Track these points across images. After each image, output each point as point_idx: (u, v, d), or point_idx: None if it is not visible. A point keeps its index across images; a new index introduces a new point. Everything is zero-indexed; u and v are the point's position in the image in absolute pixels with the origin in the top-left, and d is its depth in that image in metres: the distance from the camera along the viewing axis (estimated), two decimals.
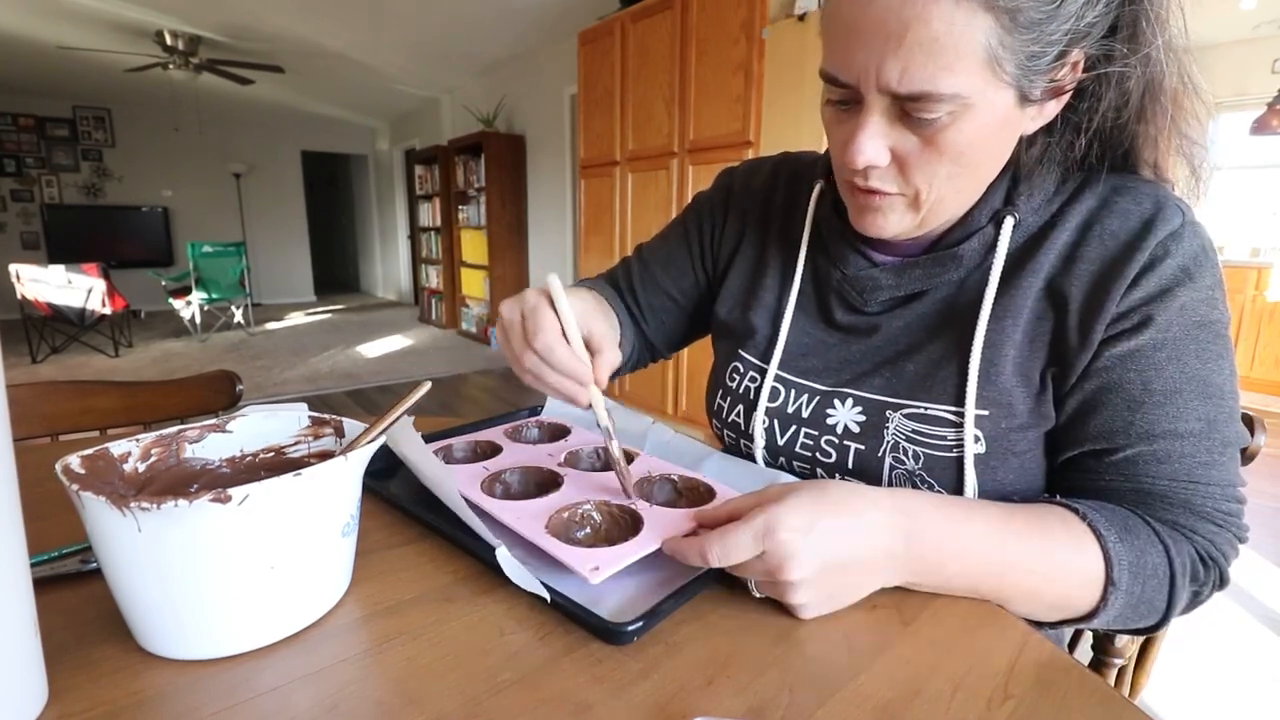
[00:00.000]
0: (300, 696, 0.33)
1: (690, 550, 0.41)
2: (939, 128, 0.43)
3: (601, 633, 0.38)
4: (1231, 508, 0.47)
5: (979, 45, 0.40)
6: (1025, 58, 0.41)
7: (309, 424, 0.49)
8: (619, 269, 0.79)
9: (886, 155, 0.46)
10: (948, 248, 0.53)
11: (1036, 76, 0.43)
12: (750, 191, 0.71)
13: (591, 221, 3.51)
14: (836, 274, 0.60)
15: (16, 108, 6.52)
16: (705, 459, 0.60)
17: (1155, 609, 0.45)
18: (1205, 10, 3.64)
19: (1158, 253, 0.46)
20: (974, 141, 0.44)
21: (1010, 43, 0.40)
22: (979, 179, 0.49)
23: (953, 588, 0.43)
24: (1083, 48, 0.44)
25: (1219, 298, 0.47)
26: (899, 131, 0.45)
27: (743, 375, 0.64)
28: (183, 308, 5.61)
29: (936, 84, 0.41)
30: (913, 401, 0.53)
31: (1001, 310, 0.51)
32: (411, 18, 4.16)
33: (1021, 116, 0.46)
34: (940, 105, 0.42)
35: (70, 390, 0.89)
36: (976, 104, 0.42)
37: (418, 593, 0.43)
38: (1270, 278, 3.87)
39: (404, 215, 7.92)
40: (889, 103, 0.44)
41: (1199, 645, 1.57)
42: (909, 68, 0.41)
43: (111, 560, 0.34)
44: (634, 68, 3.05)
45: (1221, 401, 0.46)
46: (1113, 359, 0.47)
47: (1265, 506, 2.41)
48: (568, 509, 0.49)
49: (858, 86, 0.44)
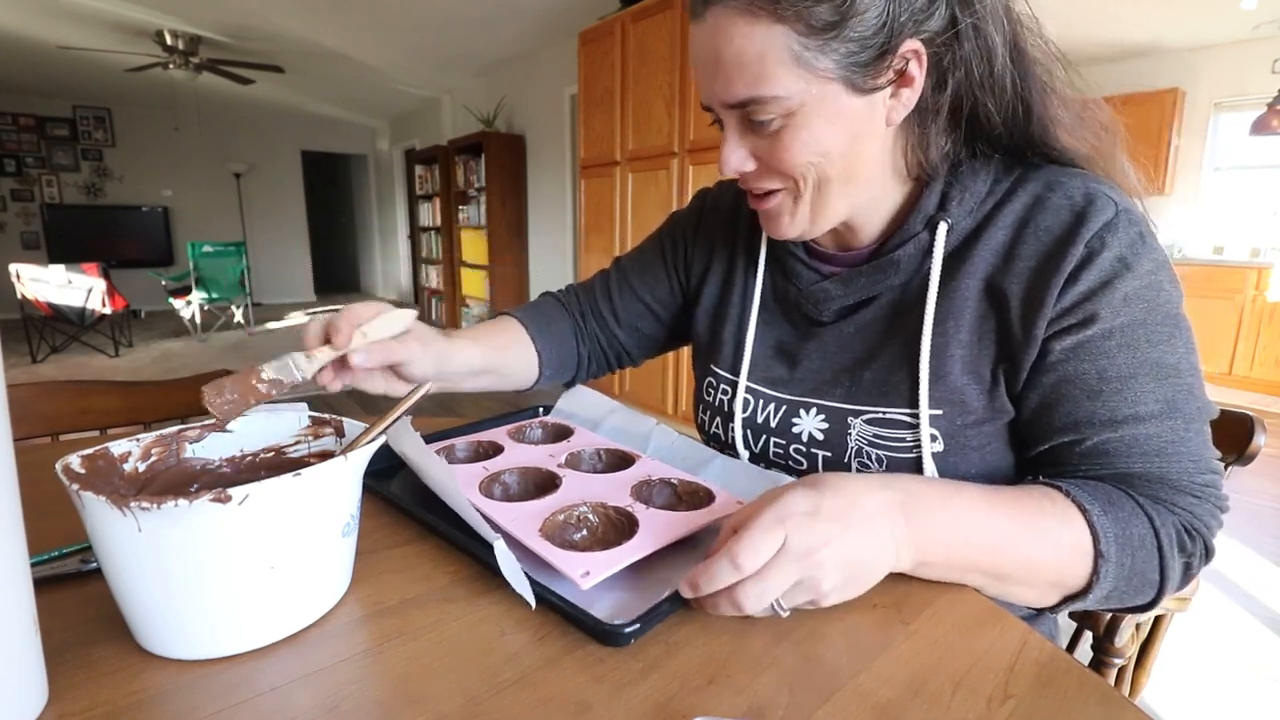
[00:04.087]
0: (300, 696, 0.33)
1: (717, 568, 0.38)
2: (779, 126, 0.49)
3: (598, 634, 0.38)
4: (1208, 479, 0.48)
5: (783, 51, 0.45)
6: (840, 55, 0.46)
7: (309, 424, 0.49)
8: (596, 279, 0.81)
9: (750, 162, 0.52)
10: (886, 254, 0.56)
11: (862, 69, 0.47)
12: (719, 212, 0.74)
13: (591, 221, 3.51)
14: (792, 288, 0.63)
15: (16, 108, 6.52)
16: (709, 461, 0.60)
17: (1150, 582, 0.46)
18: (1205, 10, 3.65)
19: (1094, 245, 0.47)
20: (817, 133, 0.48)
21: (814, 44, 0.45)
22: (850, 166, 0.51)
23: (958, 563, 0.43)
24: (919, 38, 0.47)
25: (1163, 280, 0.48)
26: (753, 139, 0.51)
27: (716, 388, 0.67)
28: (183, 308, 5.61)
29: (755, 89, 0.47)
30: (871, 407, 0.55)
31: (943, 312, 0.53)
32: (412, 17, 4.16)
33: (869, 106, 0.49)
34: (767, 107, 0.47)
35: (70, 390, 0.89)
36: (805, 100, 0.47)
37: (418, 593, 0.43)
38: (1270, 278, 3.87)
39: (404, 215, 7.92)
40: (737, 115, 0.50)
41: (1199, 645, 1.57)
42: (730, 81, 0.48)
43: (111, 560, 0.34)
44: (634, 68, 3.05)
45: (1179, 380, 0.47)
46: (1065, 351, 0.49)
47: (1265, 506, 2.40)
48: (563, 511, 0.49)
49: (712, 107, 0.51)
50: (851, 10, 0.44)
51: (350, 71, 5.58)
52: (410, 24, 4.29)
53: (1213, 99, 4.31)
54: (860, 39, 0.45)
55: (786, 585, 0.38)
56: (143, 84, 5.85)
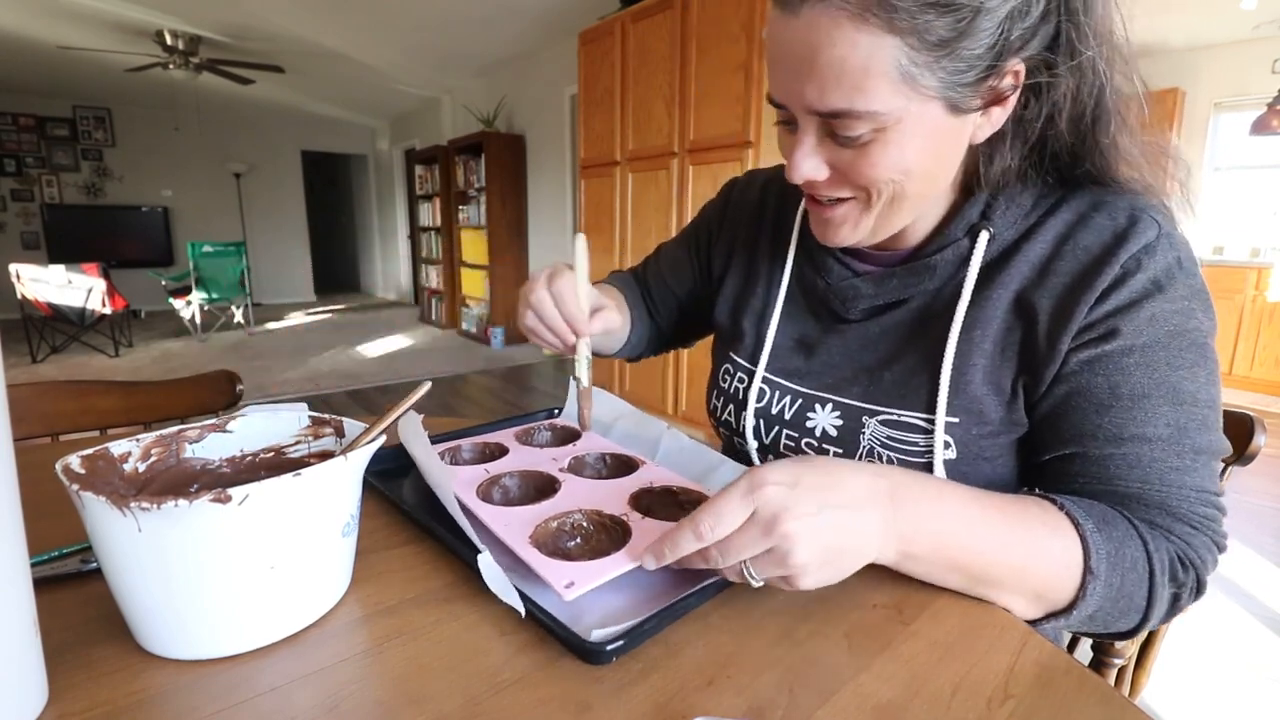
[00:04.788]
0: (300, 696, 0.33)
1: (680, 536, 0.39)
2: (866, 141, 0.45)
3: (580, 652, 0.36)
4: (1208, 512, 0.47)
5: (889, 64, 0.41)
6: (947, 73, 0.42)
7: (309, 424, 0.49)
8: (641, 264, 0.87)
9: (823, 170, 0.49)
10: (923, 258, 0.55)
11: (965, 89, 0.44)
12: (745, 204, 0.75)
13: (591, 221, 3.51)
14: (820, 282, 0.62)
15: (16, 108, 6.52)
16: (717, 468, 0.59)
17: (1136, 607, 0.45)
18: (1205, 10, 3.65)
19: (1129, 266, 0.46)
20: (907, 151, 0.45)
21: (924, 60, 0.41)
22: (928, 184, 0.50)
23: (943, 560, 0.42)
24: (1021, 57, 0.44)
25: (1195, 308, 0.47)
26: (832, 147, 0.47)
27: (733, 376, 0.67)
28: (183, 308, 5.61)
29: (852, 102, 0.43)
30: (888, 408, 0.55)
31: (972, 321, 0.52)
32: (412, 17, 4.16)
33: (961, 124, 0.47)
34: (860, 122, 0.44)
35: (70, 390, 0.89)
36: (901, 117, 0.44)
37: (418, 593, 0.43)
38: (1270, 278, 3.87)
39: (404, 215, 7.92)
40: (819, 121, 0.46)
41: (1199, 645, 1.57)
42: (824, 89, 0.43)
43: (111, 560, 0.34)
44: (634, 68, 3.05)
45: (1194, 409, 0.46)
46: (1080, 364, 0.48)
47: (1265, 507, 2.40)
48: (557, 518, 0.48)
49: (789, 108, 0.47)
50: (971, 26, 0.41)
51: (350, 71, 5.58)
52: (410, 24, 4.29)
53: (1213, 99, 4.31)
54: (971, 57, 0.42)
55: (754, 552, 0.38)
56: (143, 84, 5.85)
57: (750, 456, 0.64)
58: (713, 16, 2.62)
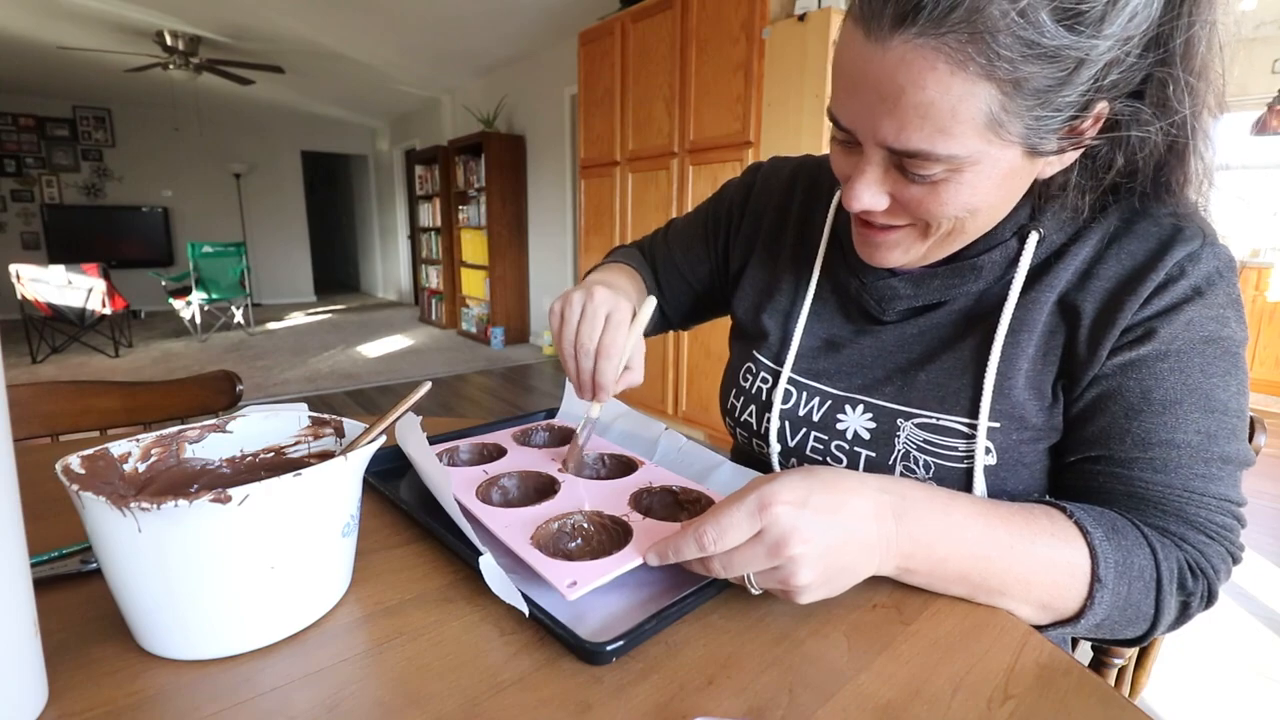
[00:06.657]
0: (300, 696, 0.33)
1: (683, 542, 0.40)
2: (936, 180, 0.43)
3: (580, 652, 0.36)
4: (1226, 522, 0.46)
5: (978, 111, 0.39)
6: (1035, 119, 0.40)
7: (309, 424, 0.49)
8: (647, 241, 0.83)
9: (884, 201, 0.46)
10: (969, 259, 0.53)
11: (1048, 134, 0.41)
12: (769, 193, 0.72)
13: (591, 221, 3.51)
14: (854, 282, 0.59)
15: (16, 108, 6.52)
16: (716, 468, 0.59)
17: (1143, 615, 0.45)
18: None
19: (1173, 273, 0.46)
20: (979, 191, 0.44)
21: (1015, 107, 0.39)
22: (991, 219, 0.49)
23: (945, 574, 0.43)
24: (1107, 99, 0.42)
25: (1231, 317, 0.46)
26: (898, 179, 0.45)
27: (755, 376, 0.65)
28: (183, 308, 5.61)
29: (933, 145, 0.40)
30: (925, 411, 0.53)
31: (1017, 324, 0.51)
32: (412, 17, 4.16)
33: (1033, 165, 0.45)
34: (937, 165, 0.42)
35: (70, 390, 0.89)
36: (979, 160, 0.42)
37: (418, 593, 0.43)
38: (1270, 278, 3.87)
39: (404, 215, 7.93)
40: (887, 155, 0.44)
41: (1199, 645, 1.57)
42: (905, 128, 0.40)
43: (111, 560, 0.34)
44: (634, 68, 3.05)
45: (1224, 418, 0.46)
46: (1114, 367, 0.47)
47: (1265, 507, 2.41)
48: (558, 519, 0.48)
49: (856, 134, 0.44)
50: (1072, 77, 0.38)
51: (350, 71, 5.58)
52: (410, 24, 4.29)
53: None
54: (1063, 103, 0.39)
55: (758, 569, 0.39)
56: (143, 84, 5.85)
57: (770, 461, 0.62)
58: (713, 16, 2.62)
